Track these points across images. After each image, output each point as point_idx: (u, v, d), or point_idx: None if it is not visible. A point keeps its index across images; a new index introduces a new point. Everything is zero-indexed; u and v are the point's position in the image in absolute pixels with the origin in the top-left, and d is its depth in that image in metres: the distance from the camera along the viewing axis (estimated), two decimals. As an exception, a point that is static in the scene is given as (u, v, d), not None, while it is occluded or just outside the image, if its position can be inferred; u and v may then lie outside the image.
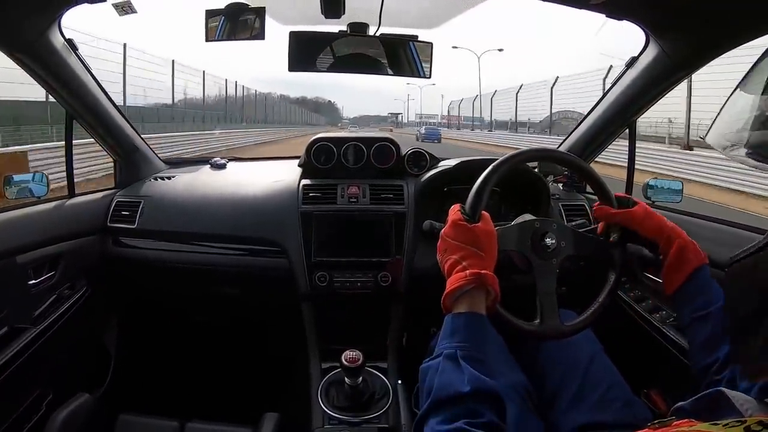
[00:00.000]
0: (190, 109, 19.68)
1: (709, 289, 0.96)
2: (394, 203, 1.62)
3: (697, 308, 0.95)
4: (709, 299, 0.94)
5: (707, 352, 0.91)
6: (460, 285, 0.84)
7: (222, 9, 1.35)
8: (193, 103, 20.06)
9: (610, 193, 1.10)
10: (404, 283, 1.58)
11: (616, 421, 1.01)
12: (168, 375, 1.96)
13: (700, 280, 0.98)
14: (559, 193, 1.80)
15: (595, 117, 1.72)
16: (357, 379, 1.36)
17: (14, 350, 1.32)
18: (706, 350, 0.92)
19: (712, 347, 0.90)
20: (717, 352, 0.89)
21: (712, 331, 0.91)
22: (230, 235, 1.65)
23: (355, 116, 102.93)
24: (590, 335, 1.18)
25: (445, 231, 0.93)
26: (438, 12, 1.47)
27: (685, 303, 0.98)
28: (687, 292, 0.98)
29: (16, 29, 1.25)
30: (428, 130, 31.86)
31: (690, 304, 0.97)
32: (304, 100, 76.14)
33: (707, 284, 0.97)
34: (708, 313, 0.93)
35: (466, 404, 0.72)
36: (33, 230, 1.46)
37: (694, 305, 0.96)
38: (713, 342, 0.90)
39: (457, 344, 0.79)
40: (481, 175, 1.06)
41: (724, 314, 0.79)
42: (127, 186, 1.82)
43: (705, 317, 0.93)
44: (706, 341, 0.92)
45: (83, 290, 1.64)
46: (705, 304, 0.94)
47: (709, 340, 0.92)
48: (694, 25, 1.20)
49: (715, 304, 0.93)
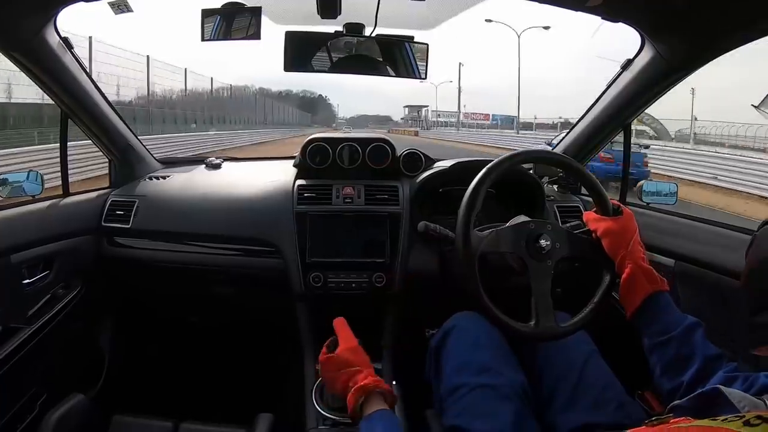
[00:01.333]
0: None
1: (669, 315, 0.97)
2: (389, 204, 1.62)
3: (657, 333, 0.97)
4: (668, 325, 0.96)
5: (671, 375, 0.93)
6: (355, 400, 0.97)
7: (218, 8, 1.35)
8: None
9: (603, 194, 1.11)
10: (399, 284, 1.57)
11: (611, 422, 1.01)
12: (162, 375, 1.95)
13: (657, 306, 0.99)
14: (554, 194, 1.80)
15: (590, 119, 1.72)
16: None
17: (8, 350, 1.32)
18: (669, 374, 0.93)
19: (676, 371, 0.92)
20: (681, 376, 0.90)
21: (676, 354, 0.93)
22: (225, 235, 1.65)
23: (352, 116, 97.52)
24: (585, 336, 1.18)
25: (321, 370, 1.09)
26: (434, 13, 1.46)
27: (642, 328, 1.00)
28: (643, 317, 1.00)
29: (12, 28, 1.25)
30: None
31: (648, 328, 0.99)
32: (289, 95, 66.24)
33: (665, 310, 0.98)
34: (669, 338, 0.94)
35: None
36: (27, 229, 1.46)
37: (653, 330, 0.97)
38: (677, 366, 0.92)
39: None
40: (476, 177, 1.06)
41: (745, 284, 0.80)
42: (121, 185, 1.82)
43: (666, 342, 0.95)
44: (669, 365, 0.94)
45: (77, 290, 1.63)
46: (665, 330, 0.96)
47: (672, 363, 0.93)
48: (689, 27, 1.20)
49: (675, 330, 0.94)
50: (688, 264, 1.40)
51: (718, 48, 1.23)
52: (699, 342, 0.93)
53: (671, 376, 0.93)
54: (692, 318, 0.97)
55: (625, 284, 1.02)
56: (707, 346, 0.92)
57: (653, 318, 0.99)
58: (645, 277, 1.00)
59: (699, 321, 0.96)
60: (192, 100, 20.30)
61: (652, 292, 0.99)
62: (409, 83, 1.54)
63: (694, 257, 1.39)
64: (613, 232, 1.06)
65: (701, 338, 0.93)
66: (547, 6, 1.22)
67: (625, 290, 1.02)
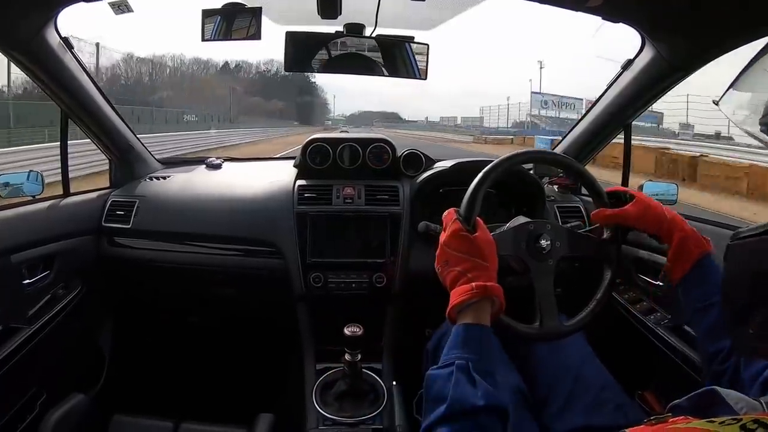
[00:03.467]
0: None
1: (714, 278, 0.96)
2: (390, 204, 1.62)
3: (702, 297, 0.95)
4: (713, 288, 0.94)
5: (712, 340, 0.92)
6: (468, 297, 0.83)
7: (218, 9, 1.35)
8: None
9: (603, 193, 1.10)
10: (399, 285, 1.58)
11: (609, 423, 1.00)
12: (162, 375, 1.96)
13: (704, 269, 0.98)
14: (555, 195, 1.80)
15: (590, 119, 1.72)
16: (356, 355, 1.35)
17: (8, 350, 1.32)
18: (710, 339, 0.93)
19: (717, 336, 0.91)
20: (721, 341, 0.90)
21: (717, 319, 0.92)
22: (225, 235, 1.65)
23: (352, 113, 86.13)
24: (580, 338, 1.18)
25: (445, 241, 0.91)
26: (434, 14, 1.46)
27: (689, 292, 0.99)
28: (691, 281, 0.99)
29: (12, 27, 1.25)
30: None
31: (694, 293, 0.98)
32: (248, 70, 37.61)
33: (711, 273, 0.97)
34: (712, 302, 0.93)
35: (479, 418, 0.72)
36: (27, 230, 1.46)
37: (698, 294, 0.96)
38: (718, 331, 0.91)
39: (467, 356, 0.79)
40: (476, 177, 1.06)
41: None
42: (122, 185, 1.82)
43: (709, 306, 0.94)
44: (711, 330, 0.93)
45: (78, 290, 1.63)
46: (709, 293, 0.94)
47: (713, 328, 0.92)
48: (690, 27, 1.20)
49: (719, 293, 0.92)
50: None
51: (719, 48, 1.23)
52: None
53: (712, 341, 0.92)
54: None
55: (676, 251, 1.00)
56: None
57: (701, 280, 0.97)
58: (693, 241, 0.99)
59: None
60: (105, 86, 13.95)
61: (700, 256, 0.98)
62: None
63: None
64: (642, 211, 1.04)
65: None
66: (548, 6, 1.23)
67: (674, 257, 1.00)
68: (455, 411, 0.73)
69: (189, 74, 21.72)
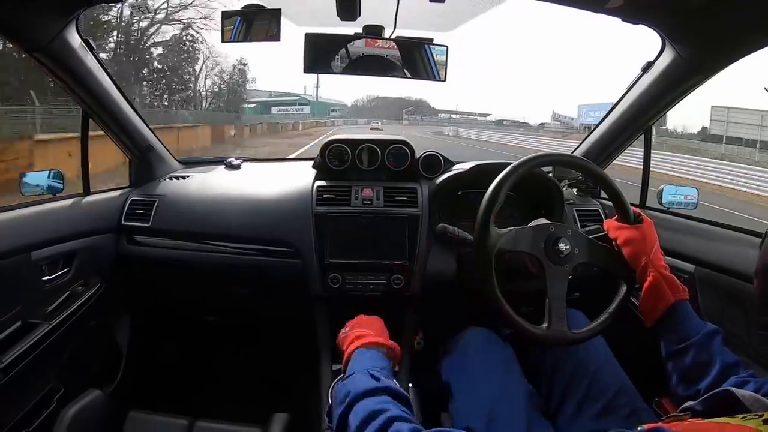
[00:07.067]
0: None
1: (689, 324, 0.97)
2: (408, 206, 1.62)
3: (677, 340, 0.96)
4: (687, 333, 0.95)
5: (687, 383, 0.93)
6: (354, 347, 1.05)
7: (238, 10, 1.37)
8: None
9: (626, 202, 1.10)
10: (417, 286, 1.57)
11: (621, 428, 1.00)
12: (178, 373, 1.97)
13: (678, 315, 0.98)
14: (574, 198, 1.79)
15: (610, 122, 1.70)
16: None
17: (27, 345, 1.33)
18: (686, 382, 0.93)
19: (693, 379, 0.92)
20: (698, 384, 0.90)
21: (693, 361, 0.92)
22: (243, 235, 1.65)
23: (358, 100, 68.89)
24: (600, 341, 1.17)
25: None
26: (454, 15, 1.46)
27: (663, 336, 1.00)
28: (665, 326, 1.00)
29: (34, 30, 1.27)
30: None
31: (668, 337, 0.98)
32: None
33: (685, 319, 0.98)
34: (687, 345, 0.94)
35: (379, 396, 0.82)
36: (48, 227, 1.48)
37: (674, 338, 0.97)
38: (694, 373, 0.92)
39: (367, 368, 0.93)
40: (495, 180, 1.06)
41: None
42: (141, 185, 1.84)
43: (684, 349, 0.94)
44: (687, 372, 0.93)
45: (96, 287, 1.65)
46: (684, 337, 0.95)
47: (689, 371, 0.93)
48: (711, 29, 1.19)
49: (694, 337, 0.94)
50: (708, 269, 1.37)
51: (741, 50, 1.21)
52: (717, 349, 0.92)
53: (688, 383, 0.93)
54: (711, 325, 0.96)
55: (647, 293, 1.01)
56: (725, 353, 0.92)
57: (674, 327, 0.98)
58: (667, 286, 1.00)
59: (718, 328, 0.95)
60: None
61: (674, 302, 0.99)
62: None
63: (714, 263, 1.36)
64: (634, 240, 1.06)
65: (719, 345, 0.93)
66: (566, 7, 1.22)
67: (646, 299, 1.02)
68: (357, 396, 0.83)
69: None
